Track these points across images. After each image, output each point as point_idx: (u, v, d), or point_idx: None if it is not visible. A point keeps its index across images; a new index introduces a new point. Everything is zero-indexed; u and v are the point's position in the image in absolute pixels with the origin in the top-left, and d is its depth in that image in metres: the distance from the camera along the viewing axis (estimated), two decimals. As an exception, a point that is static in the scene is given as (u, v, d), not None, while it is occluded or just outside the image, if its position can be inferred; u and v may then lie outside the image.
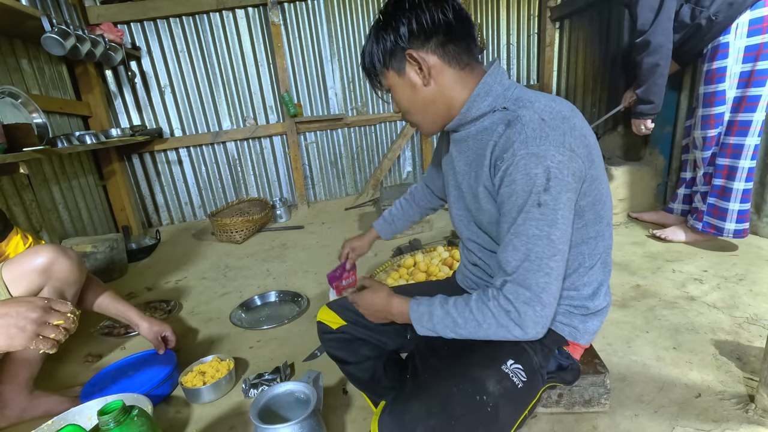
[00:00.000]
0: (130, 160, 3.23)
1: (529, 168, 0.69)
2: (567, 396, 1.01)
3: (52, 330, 0.77)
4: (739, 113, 1.72)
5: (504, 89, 0.80)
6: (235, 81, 3.24)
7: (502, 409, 0.75)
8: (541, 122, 0.71)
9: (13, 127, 1.73)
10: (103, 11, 2.82)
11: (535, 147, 0.69)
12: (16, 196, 2.03)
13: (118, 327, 1.73)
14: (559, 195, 0.69)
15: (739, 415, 0.99)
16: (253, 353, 1.48)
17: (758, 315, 1.39)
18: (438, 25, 0.77)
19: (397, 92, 0.84)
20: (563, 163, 0.69)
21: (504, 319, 0.73)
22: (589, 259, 0.84)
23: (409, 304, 0.84)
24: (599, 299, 0.88)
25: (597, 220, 0.81)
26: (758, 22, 1.61)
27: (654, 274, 1.77)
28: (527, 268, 0.71)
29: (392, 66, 0.81)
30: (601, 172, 0.79)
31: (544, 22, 3.32)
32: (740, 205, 1.78)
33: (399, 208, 1.31)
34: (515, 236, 0.72)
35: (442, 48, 0.78)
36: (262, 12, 3.11)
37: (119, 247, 2.30)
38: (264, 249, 2.65)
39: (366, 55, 0.85)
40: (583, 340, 0.90)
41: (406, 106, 0.85)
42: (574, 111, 0.78)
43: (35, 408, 1.20)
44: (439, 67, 0.79)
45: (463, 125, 0.84)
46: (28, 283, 1.11)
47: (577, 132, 0.74)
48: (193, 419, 1.18)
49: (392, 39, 0.78)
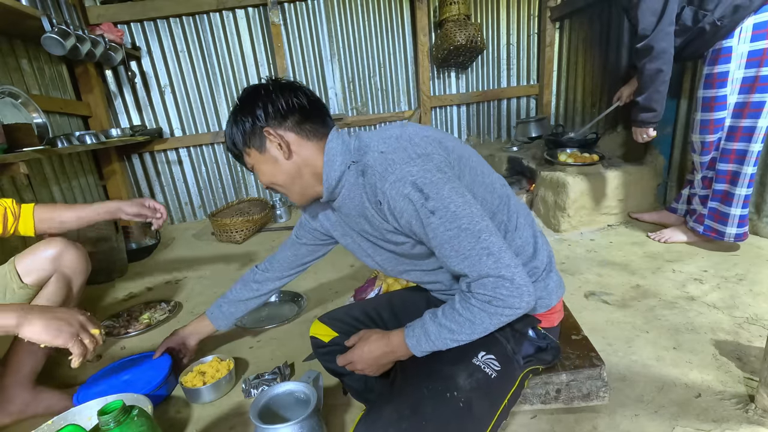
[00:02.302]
0: (130, 160, 3.23)
1: (400, 192, 0.74)
2: (565, 391, 1.01)
3: (88, 336, 0.87)
4: (743, 119, 1.69)
5: (346, 147, 0.86)
6: (235, 81, 3.24)
7: (476, 402, 0.75)
8: (381, 155, 0.78)
9: (13, 127, 1.73)
10: (103, 11, 2.82)
11: (391, 175, 0.75)
12: (16, 196, 2.03)
13: (118, 327, 1.73)
14: (440, 194, 0.73)
15: (739, 415, 0.99)
16: (253, 353, 1.48)
17: (758, 315, 1.39)
18: (293, 108, 0.83)
19: (260, 169, 0.87)
20: (423, 169, 0.74)
21: (490, 308, 0.74)
22: (509, 223, 0.87)
23: (404, 332, 0.83)
24: (541, 254, 0.89)
25: (489, 189, 0.85)
26: (763, 27, 1.57)
27: (654, 274, 1.77)
28: (470, 264, 0.73)
29: (253, 144, 0.85)
30: (463, 152, 0.85)
31: (544, 22, 3.32)
32: (741, 210, 1.77)
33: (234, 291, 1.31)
34: (440, 248, 0.76)
35: (298, 126, 0.84)
36: (262, 12, 3.11)
37: (119, 247, 2.30)
38: (264, 249, 2.65)
39: (227, 138, 0.89)
40: (552, 301, 0.90)
41: (270, 179, 0.88)
42: (407, 128, 0.85)
43: (37, 403, 1.20)
44: (298, 142, 0.85)
45: (333, 192, 0.87)
46: (40, 270, 1.20)
47: (416, 138, 0.80)
48: (193, 419, 1.18)
49: (250, 120, 0.83)
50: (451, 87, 3.54)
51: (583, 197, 2.29)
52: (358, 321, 1.06)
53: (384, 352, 0.85)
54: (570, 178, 2.28)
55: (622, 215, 2.43)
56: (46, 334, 0.82)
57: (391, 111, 3.56)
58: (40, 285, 1.21)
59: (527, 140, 3.11)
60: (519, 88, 3.57)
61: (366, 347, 0.87)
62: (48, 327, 0.83)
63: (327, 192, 0.87)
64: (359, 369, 0.89)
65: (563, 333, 1.08)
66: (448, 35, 2.99)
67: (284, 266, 1.25)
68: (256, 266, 1.30)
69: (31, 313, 0.84)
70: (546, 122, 3.14)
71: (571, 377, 0.99)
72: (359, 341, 0.90)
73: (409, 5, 3.29)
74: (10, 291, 1.17)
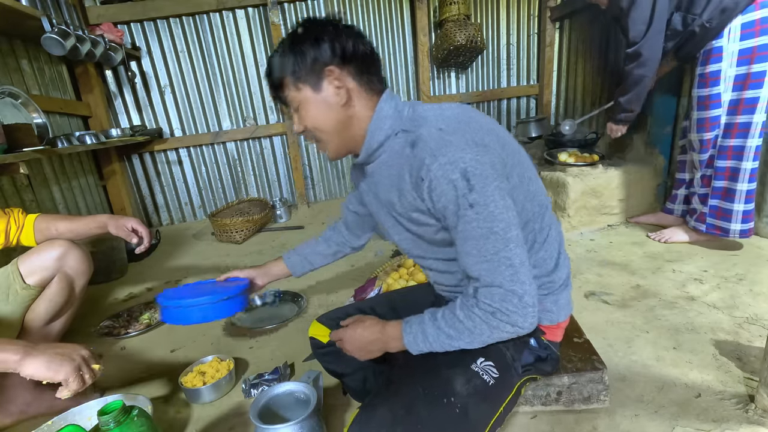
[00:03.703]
0: (130, 160, 3.23)
1: (447, 176, 0.70)
2: (566, 393, 1.01)
3: (89, 371, 0.88)
4: (738, 116, 1.72)
5: (398, 112, 0.81)
6: (235, 81, 3.24)
7: (472, 409, 0.74)
8: (439, 132, 0.73)
9: (13, 127, 1.73)
10: (103, 11, 2.82)
11: (443, 156, 0.71)
12: (16, 196, 2.03)
13: (118, 327, 1.73)
14: (485, 189, 0.70)
15: (739, 415, 0.99)
16: (253, 353, 1.48)
17: (758, 315, 1.39)
18: (357, 53, 0.79)
19: (306, 109, 0.81)
20: (476, 160, 0.70)
21: (493, 320, 0.72)
22: (540, 235, 0.84)
23: (402, 326, 0.81)
24: (561, 270, 0.88)
25: (530, 197, 0.82)
26: (750, 26, 1.62)
27: (654, 274, 1.77)
28: (487, 268, 0.71)
29: (308, 81, 0.79)
30: (518, 153, 0.81)
31: (544, 22, 3.32)
32: (744, 205, 1.78)
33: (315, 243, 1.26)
34: (464, 242, 0.73)
35: (359, 75, 0.80)
36: (262, 12, 3.11)
37: (119, 247, 2.30)
38: (264, 249, 2.65)
39: (274, 66, 0.81)
40: (561, 317, 0.89)
41: (314, 123, 0.82)
42: (469, 111, 0.80)
43: (39, 403, 1.20)
44: (356, 91, 0.80)
45: (373, 154, 0.84)
46: (43, 271, 1.21)
47: (475, 125, 0.76)
48: (193, 419, 1.18)
49: (313, 54, 0.77)
50: (451, 87, 3.54)
51: (583, 197, 2.29)
52: None
53: (376, 339, 0.84)
54: (570, 178, 2.28)
55: (623, 215, 2.43)
56: (48, 370, 0.83)
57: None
58: (43, 286, 1.22)
59: (527, 140, 3.11)
60: (519, 88, 3.57)
61: (360, 329, 0.87)
62: (51, 363, 0.83)
63: (365, 152, 0.83)
64: (348, 349, 0.89)
65: (565, 335, 1.08)
66: (448, 35, 2.99)
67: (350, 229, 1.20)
68: (335, 224, 1.25)
69: (34, 350, 0.84)
70: (546, 122, 3.14)
71: (572, 380, 0.99)
72: (354, 322, 0.90)
73: (409, 5, 3.29)
74: (13, 292, 1.17)
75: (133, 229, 1.36)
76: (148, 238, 1.38)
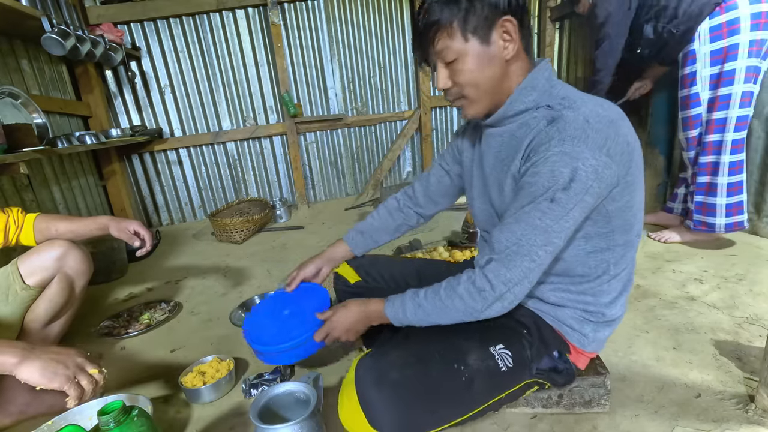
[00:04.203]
0: (130, 161, 3.23)
1: (557, 166, 0.68)
2: (567, 396, 1.01)
3: (86, 377, 0.86)
4: (714, 112, 1.79)
5: (551, 86, 0.77)
6: (235, 81, 3.24)
7: (476, 383, 0.77)
8: (585, 123, 0.69)
9: (13, 127, 1.73)
10: (103, 11, 2.82)
11: (571, 147, 0.67)
12: (16, 197, 2.03)
13: (118, 327, 1.73)
14: (576, 196, 0.68)
15: (739, 415, 0.99)
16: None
17: (758, 315, 1.39)
18: (522, 7, 0.74)
19: (466, 62, 0.74)
20: (594, 168, 0.67)
21: (471, 301, 0.75)
22: (614, 268, 0.82)
23: (384, 302, 0.86)
24: (617, 308, 0.87)
25: (627, 229, 0.79)
26: (717, 29, 1.72)
27: (654, 274, 1.77)
28: (516, 251, 0.71)
29: (477, 32, 0.72)
30: (637, 180, 0.76)
31: (544, 22, 3.32)
32: (727, 199, 1.82)
33: (377, 218, 1.18)
34: (516, 221, 0.72)
35: (522, 30, 0.75)
36: (262, 12, 3.11)
37: (119, 247, 2.30)
38: (264, 249, 2.65)
39: (440, 12, 0.72)
40: (591, 347, 0.90)
41: (472, 79, 0.75)
42: (622, 116, 0.75)
43: (39, 403, 1.19)
44: (520, 48, 0.76)
45: (505, 119, 0.80)
46: (43, 271, 1.20)
47: (621, 138, 0.71)
48: (193, 419, 1.18)
49: (490, 4, 0.71)
50: (451, 87, 3.53)
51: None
52: (382, 278, 1.11)
53: (360, 318, 0.89)
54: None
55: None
56: (42, 377, 0.82)
57: (391, 111, 3.57)
58: (43, 286, 1.21)
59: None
60: (519, 88, 3.57)
61: (343, 312, 0.91)
62: (44, 370, 0.82)
63: (498, 116, 0.80)
64: (336, 335, 0.93)
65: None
66: (448, 35, 2.99)
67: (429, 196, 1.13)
68: (396, 196, 1.19)
69: (32, 354, 0.84)
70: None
71: (574, 384, 0.99)
72: (337, 309, 0.93)
73: (409, 5, 3.29)
74: (13, 292, 1.17)
75: (135, 232, 1.36)
76: (150, 241, 1.38)
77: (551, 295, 0.87)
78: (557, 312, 0.88)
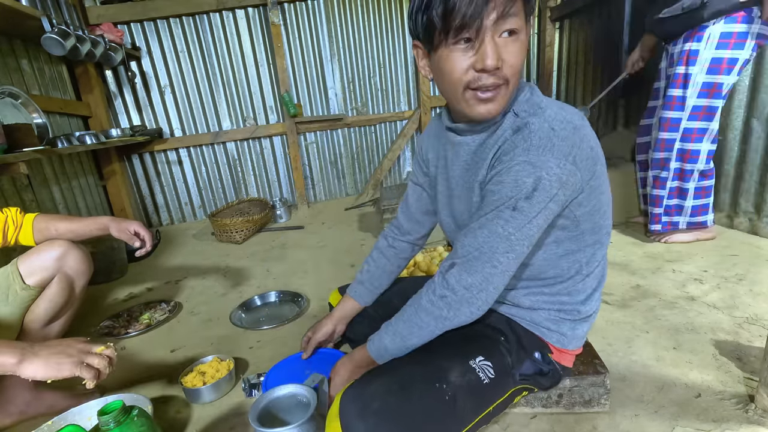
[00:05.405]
0: (130, 161, 3.23)
1: (521, 175, 0.68)
2: (567, 396, 1.01)
3: (96, 357, 0.85)
4: (698, 122, 1.78)
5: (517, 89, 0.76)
6: (235, 81, 3.24)
7: (460, 400, 0.76)
8: (550, 131, 0.69)
9: (13, 127, 1.73)
10: (103, 11, 2.82)
11: (536, 156, 0.68)
12: (16, 197, 2.03)
13: (118, 327, 1.73)
14: (538, 204, 0.69)
15: (739, 415, 0.99)
16: (253, 353, 1.48)
17: (758, 315, 1.39)
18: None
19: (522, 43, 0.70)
20: (558, 177, 0.68)
21: (436, 310, 0.76)
22: (586, 267, 0.84)
23: (367, 346, 0.88)
24: (591, 303, 0.88)
25: (596, 229, 0.81)
26: (727, 37, 1.64)
27: (654, 274, 1.77)
28: (477, 256, 0.72)
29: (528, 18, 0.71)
30: (602, 182, 0.78)
31: (544, 22, 3.32)
32: (693, 201, 1.90)
33: (372, 264, 1.18)
34: (479, 227, 0.73)
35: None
36: (262, 12, 3.11)
37: (119, 247, 2.30)
38: (264, 249, 2.65)
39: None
40: (571, 345, 0.90)
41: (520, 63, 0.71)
42: (583, 120, 0.75)
43: (39, 403, 1.19)
44: None
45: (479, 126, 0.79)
46: (43, 271, 1.20)
47: (585, 144, 0.71)
48: (193, 419, 1.18)
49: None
50: (451, 87, 3.53)
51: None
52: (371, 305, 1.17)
53: (353, 373, 0.91)
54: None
55: (623, 215, 2.43)
56: (48, 369, 0.82)
57: (391, 111, 3.57)
58: (43, 286, 1.21)
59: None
60: (519, 88, 3.58)
61: (338, 378, 0.93)
62: (48, 362, 0.82)
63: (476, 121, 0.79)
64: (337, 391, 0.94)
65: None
66: (448, 35, 2.99)
67: (413, 218, 1.12)
68: (384, 232, 1.19)
69: (31, 351, 0.83)
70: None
71: (574, 383, 0.99)
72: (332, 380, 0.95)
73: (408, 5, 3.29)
74: (13, 292, 1.17)
75: (135, 233, 1.36)
76: (150, 241, 1.38)
77: (525, 299, 0.88)
78: (532, 315, 0.89)
